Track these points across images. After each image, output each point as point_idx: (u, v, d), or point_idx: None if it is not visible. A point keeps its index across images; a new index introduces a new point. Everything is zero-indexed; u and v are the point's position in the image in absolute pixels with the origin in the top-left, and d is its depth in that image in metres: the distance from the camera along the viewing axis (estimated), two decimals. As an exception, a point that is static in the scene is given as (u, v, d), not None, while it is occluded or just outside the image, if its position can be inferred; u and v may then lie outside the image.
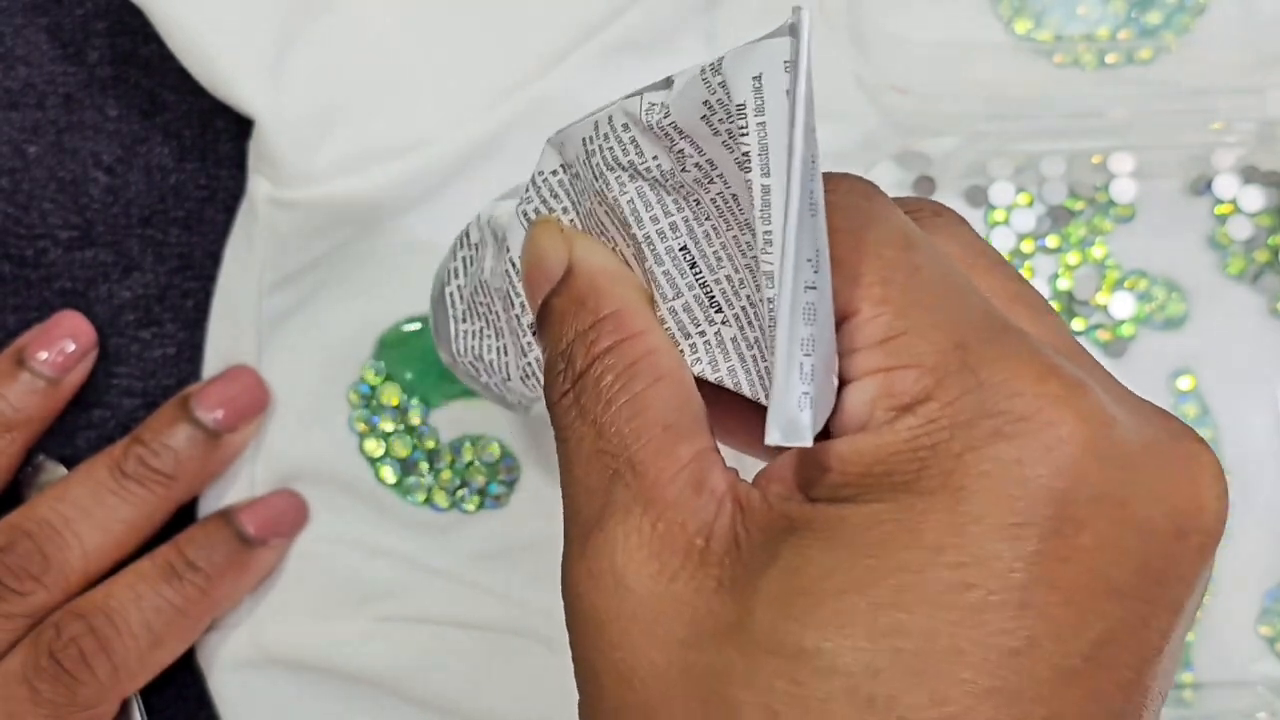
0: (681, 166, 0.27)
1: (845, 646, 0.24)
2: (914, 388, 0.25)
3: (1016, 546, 0.24)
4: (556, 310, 0.29)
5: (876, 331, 0.26)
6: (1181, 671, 0.46)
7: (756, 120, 0.25)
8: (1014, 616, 0.24)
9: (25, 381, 0.44)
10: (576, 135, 0.30)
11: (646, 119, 0.28)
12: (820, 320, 0.25)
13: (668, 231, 0.28)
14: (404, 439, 0.46)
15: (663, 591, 0.25)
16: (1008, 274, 0.29)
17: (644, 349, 0.27)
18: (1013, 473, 0.24)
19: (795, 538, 0.25)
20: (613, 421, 0.27)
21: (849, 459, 0.25)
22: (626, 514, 0.26)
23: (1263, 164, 0.48)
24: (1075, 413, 0.25)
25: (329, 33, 0.47)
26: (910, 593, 0.24)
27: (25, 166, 0.48)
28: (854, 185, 0.28)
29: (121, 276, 0.47)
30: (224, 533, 0.44)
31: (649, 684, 0.25)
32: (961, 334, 0.25)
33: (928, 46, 0.47)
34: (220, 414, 0.44)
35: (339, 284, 0.47)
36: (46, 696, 0.41)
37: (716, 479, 0.26)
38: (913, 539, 0.24)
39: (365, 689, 0.45)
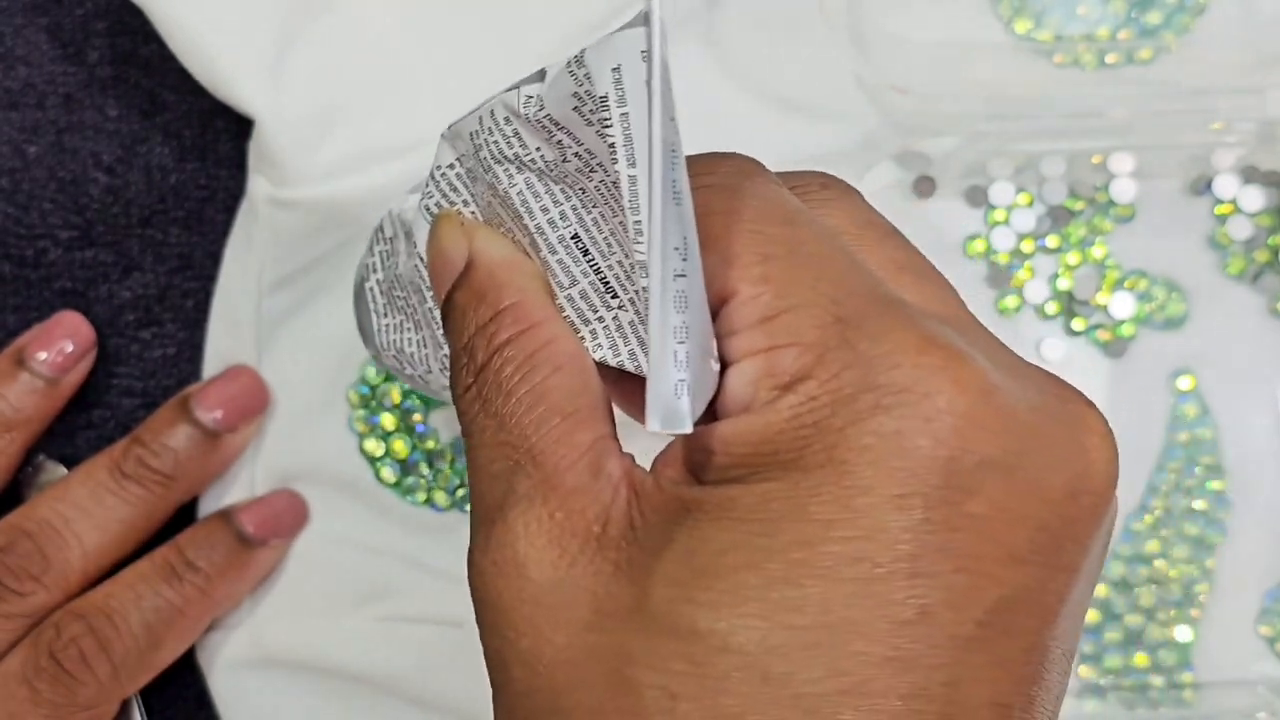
0: (563, 157, 0.28)
1: (740, 625, 0.24)
2: (794, 365, 0.25)
3: (903, 517, 0.24)
4: (458, 304, 0.29)
5: (756, 311, 0.26)
6: (1181, 671, 0.46)
7: (620, 111, 0.25)
8: (905, 586, 0.24)
9: (25, 381, 0.44)
10: (465, 129, 0.30)
11: (524, 111, 0.28)
12: (693, 306, 0.25)
13: (558, 220, 0.28)
14: (404, 439, 0.46)
15: (563, 577, 0.26)
16: (896, 244, 0.29)
17: (543, 339, 0.28)
18: (894, 444, 0.24)
19: (689, 520, 0.25)
20: (513, 412, 0.27)
21: (733, 440, 0.25)
22: (528, 503, 0.26)
23: (1263, 164, 0.48)
24: (954, 382, 0.25)
25: (329, 33, 0.47)
26: (802, 568, 0.24)
27: (25, 166, 0.48)
28: (733, 165, 0.28)
29: (121, 276, 0.47)
30: (224, 533, 0.44)
31: (554, 668, 0.25)
32: (842, 309, 0.26)
33: (928, 46, 0.47)
34: (220, 414, 0.44)
35: (339, 284, 0.47)
36: (46, 697, 0.41)
37: (613, 465, 0.27)
38: (802, 515, 0.24)
39: (365, 689, 0.45)
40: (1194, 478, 0.47)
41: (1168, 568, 0.46)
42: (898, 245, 0.29)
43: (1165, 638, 0.46)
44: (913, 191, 0.48)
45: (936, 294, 0.28)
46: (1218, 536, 0.47)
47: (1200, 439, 0.47)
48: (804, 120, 0.48)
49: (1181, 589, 0.46)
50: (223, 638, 0.45)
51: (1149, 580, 0.46)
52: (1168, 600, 0.46)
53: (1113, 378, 0.48)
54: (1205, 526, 0.47)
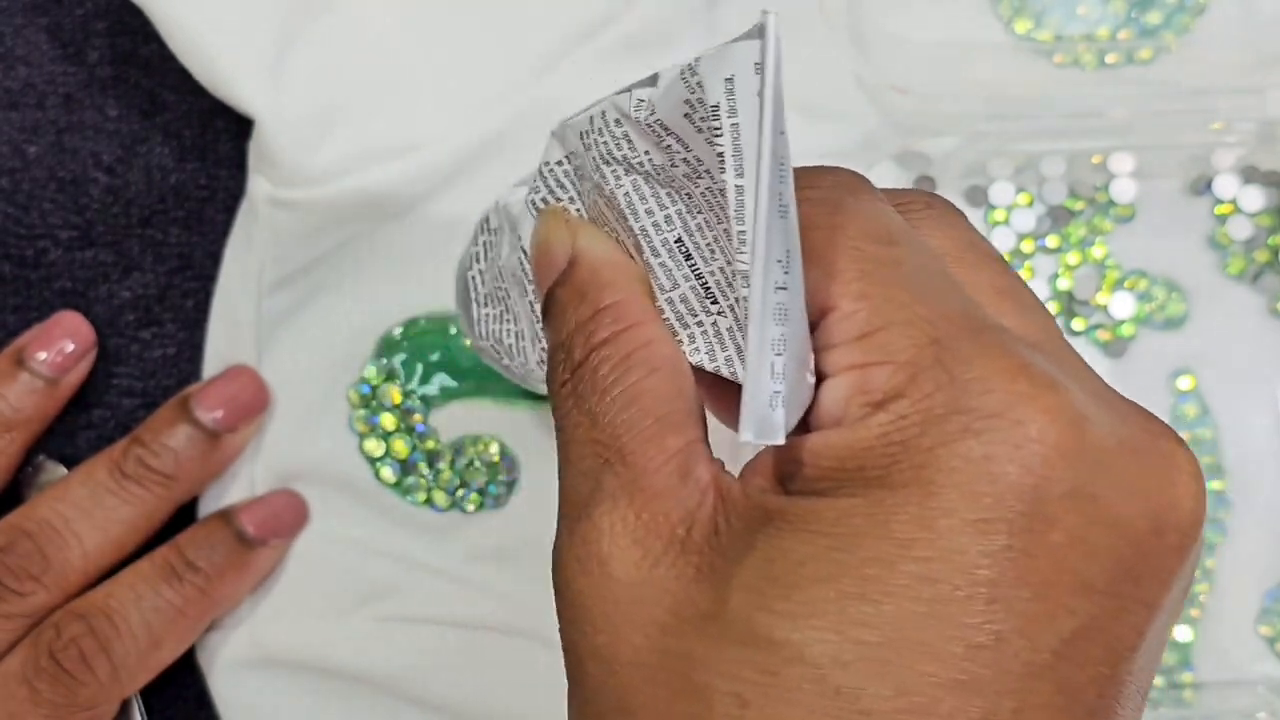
0: (671, 162, 0.28)
1: (813, 638, 0.24)
2: (887, 384, 0.25)
3: (984, 542, 0.24)
4: (560, 300, 0.29)
5: (853, 327, 0.26)
6: (1181, 671, 0.46)
7: (730, 122, 0.26)
8: (980, 611, 0.24)
9: (24, 382, 0.44)
10: (575, 128, 0.30)
11: (636, 115, 0.28)
12: (792, 319, 0.25)
13: (663, 224, 0.29)
14: (404, 439, 0.46)
15: (644, 578, 0.26)
16: (997, 269, 0.29)
17: (641, 340, 0.28)
18: (981, 469, 0.24)
19: (770, 529, 0.25)
20: (606, 411, 0.27)
21: (822, 453, 0.26)
22: (614, 502, 0.27)
23: (1263, 164, 0.48)
24: (1045, 411, 0.25)
25: (329, 33, 0.47)
26: (878, 585, 0.24)
27: (25, 166, 0.48)
28: (839, 179, 0.28)
29: (121, 276, 0.47)
30: (224, 533, 0.44)
31: (628, 667, 0.26)
32: (938, 330, 0.26)
33: (928, 46, 0.47)
34: (220, 414, 0.44)
35: (339, 284, 0.47)
36: (46, 697, 0.41)
37: (701, 470, 0.27)
38: (882, 532, 0.24)
39: (365, 689, 0.45)
40: (1194, 478, 0.47)
41: (1168, 568, 0.46)
42: (998, 270, 0.29)
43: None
44: (913, 192, 0.48)
45: (1034, 321, 0.28)
46: (1218, 536, 0.47)
47: (1200, 439, 0.47)
48: (804, 120, 0.48)
49: (1181, 589, 0.46)
50: (223, 638, 0.45)
51: (1149, 580, 0.46)
52: (1168, 600, 0.46)
53: (1113, 378, 0.47)
54: (1205, 526, 0.46)
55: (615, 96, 0.29)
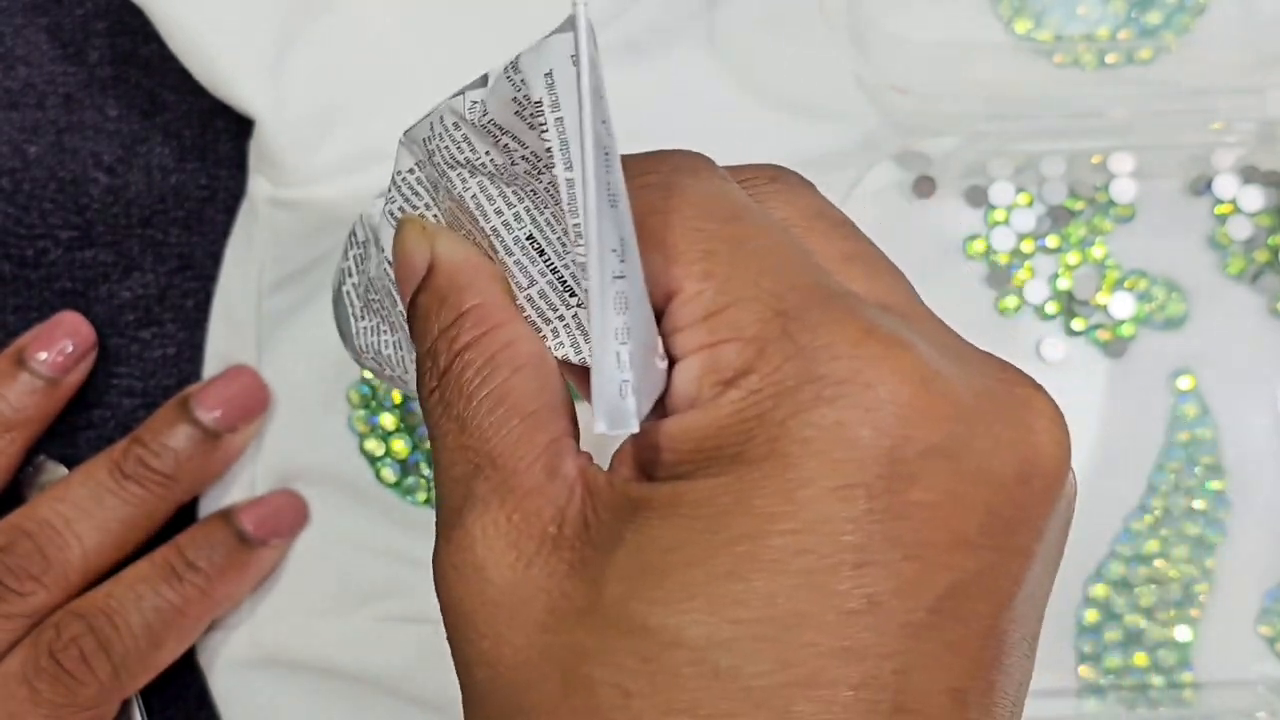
0: (511, 160, 0.28)
1: (688, 620, 0.24)
2: (736, 360, 0.25)
3: (846, 508, 0.24)
4: (422, 307, 0.29)
5: (699, 308, 0.26)
6: (1181, 671, 0.46)
7: (554, 116, 0.26)
8: (851, 576, 0.24)
9: (25, 382, 0.44)
10: (419, 134, 0.30)
11: (470, 116, 0.28)
12: (634, 307, 0.25)
13: (512, 222, 0.29)
14: (404, 439, 0.46)
15: (520, 578, 0.26)
16: (846, 234, 0.29)
17: (504, 340, 0.28)
18: (835, 435, 0.24)
19: (638, 518, 0.25)
20: (474, 415, 0.27)
21: (678, 436, 0.26)
22: (485, 506, 0.26)
23: (1263, 164, 0.48)
24: (895, 371, 0.25)
25: (329, 33, 0.47)
26: (747, 562, 0.24)
27: (25, 166, 0.48)
28: (675, 163, 0.28)
29: (121, 276, 0.47)
30: (224, 533, 0.44)
31: (513, 669, 0.26)
32: (783, 302, 0.26)
33: (928, 46, 0.47)
34: (220, 414, 0.44)
35: (339, 284, 0.47)
36: (46, 697, 0.41)
37: (569, 465, 0.27)
38: (746, 508, 0.24)
39: (365, 689, 0.45)
40: (1194, 478, 0.47)
41: (1168, 568, 0.46)
42: (847, 235, 0.28)
43: (1165, 638, 0.46)
44: (913, 191, 0.48)
45: (886, 283, 0.28)
46: (1218, 536, 0.47)
47: (1200, 439, 0.47)
48: (804, 120, 0.48)
49: (1181, 589, 0.46)
50: (223, 637, 0.45)
51: (1149, 580, 0.46)
52: (1167, 600, 0.46)
53: (1113, 378, 0.48)
54: (1205, 526, 0.47)
55: (450, 100, 0.29)
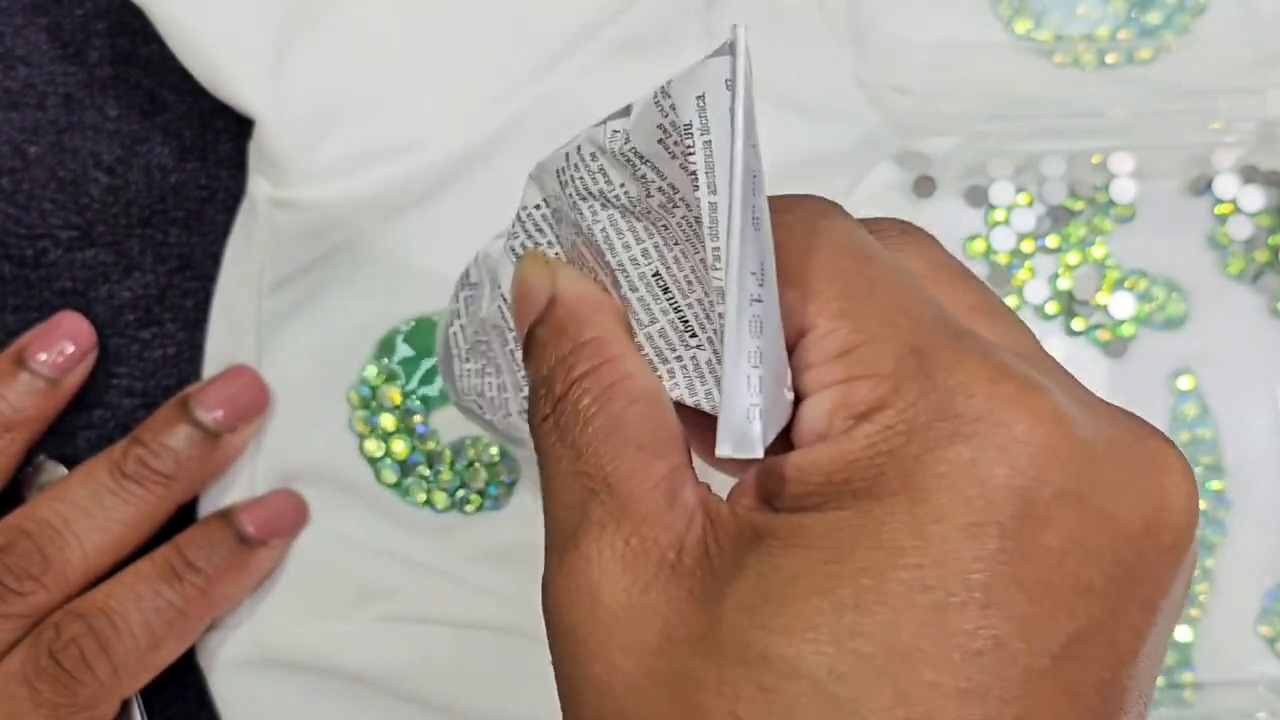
0: (647, 192, 0.28)
1: (808, 651, 0.24)
2: (870, 396, 0.25)
3: (976, 546, 0.24)
4: (540, 339, 0.29)
5: (833, 345, 0.26)
6: (1181, 671, 0.46)
7: (703, 139, 0.26)
8: (976, 616, 0.24)
9: (25, 382, 0.44)
10: (551, 167, 0.30)
11: (611, 146, 0.28)
12: (768, 333, 0.25)
13: (640, 258, 0.29)
14: (404, 440, 0.46)
15: (636, 603, 0.26)
16: (972, 286, 0.29)
17: (620, 373, 0.28)
18: (969, 473, 0.24)
19: (761, 547, 0.25)
20: (590, 442, 0.27)
21: (807, 468, 0.26)
22: (601, 530, 0.26)
23: (1263, 164, 0.48)
24: (1030, 412, 0.25)
25: (329, 33, 0.47)
26: (871, 595, 0.24)
27: (25, 166, 0.48)
28: (813, 205, 0.28)
29: (121, 276, 0.47)
30: (224, 533, 0.44)
31: (624, 693, 0.25)
32: (917, 340, 0.26)
33: (928, 46, 0.47)
34: (220, 414, 0.44)
35: (339, 284, 0.47)
36: (46, 697, 0.41)
37: (688, 494, 0.27)
38: (873, 542, 0.24)
39: (365, 689, 0.45)
40: (1194, 478, 0.47)
41: (1168, 568, 0.46)
42: (971, 287, 0.29)
43: (1165, 638, 0.46)
44: (913, 191, 0.48)
45: (1012, 332, 0.28)
46: (1218, 536, 0.47)
47: (1200, 439, 0.47)
48: (804, 120, 0.48)
49: (1181, 589, 0.46)
50: (223, 638, 0.45)
51: (1149, 580, 0.46)
52: (1168, 600, 0.46)
53: (1113, 378, 0.48)
54: (1205, 526, 0.47)
55: (590, 130, 0.29)
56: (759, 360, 0.25)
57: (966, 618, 0.24)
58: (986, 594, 0.24)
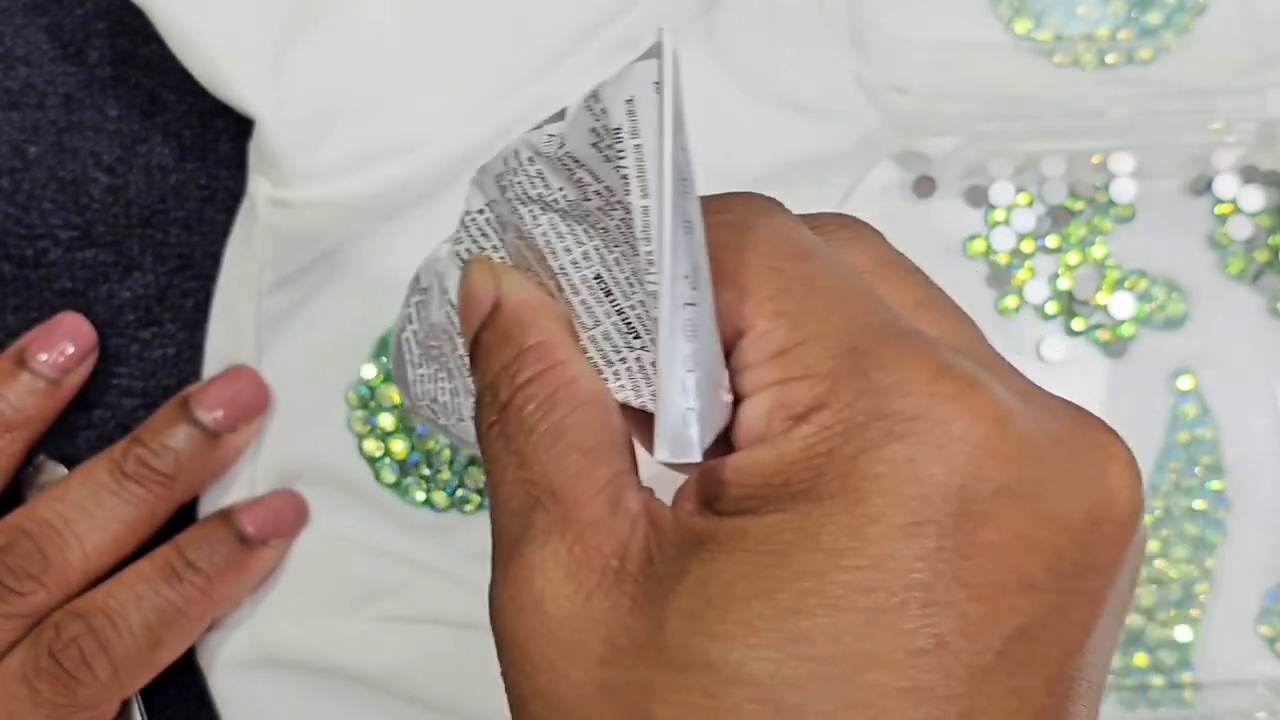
0: (584, 195, 0.28)
1: (752, 656, 0.24)
2: (807, 396, 0.25)
3: (915, 545, 0.24)
4: (485, 344, 0.29)
5: (770, 346, 0.26)
6: (1181, 671, 0.46)
7: (633, 143, 0.26)
8: (918, 616, 0.24)
9: (25, 382, 0.44)
10: (491, 172, 0.30)
11: (547, 150, 0.28)
12: (702, 335, 0.25)
13: (581, 261, 0.29)
14: (403, 439, 0.46)
15: (579, 612, 0.26)
16: (916, 280, 0.29)
17: (565, 377, 0.28)
18: (906, 472, 0.24)
19: (702, 551, 0.25)
20: (534, 449, 0.27)
21: (746, 471, 0.25)
22: (545, 538, 0.26)
23: (1263, 164, 0.48)
24: (968, 409, 0.25)
25: (329, 33, 0.47)
26: (813, 598, 0.24)
27: (25, 166, 0.48)
28: (749, 203, 0.28)
29: (121, 276, 0.47)
30: (224, 533, 0.44)
31: (570, 703, 0.25)
32: (856, 339, 0.26)
33: (928, 46, 0.47)
34: (220, 414, 0.44)
35: (339, 284, 0.47)
36: (46, 697, 0.41)
37: (631, 499, 0.27)
38: (812, 544, 0.24)
39: (365, 689, 0.45)
40: (1194, 478, 0.47)
41: (1168, 568, 0.46)
42: (917, 283, 0.29)
43: (1165, 638, 0.46)
44: (913, 191, 0.48)
45: (955, 328, 0.28)
46: (1218, 536, 0.47)
47: (1200, 439, 0.47)
48: (804, 120, 0.48)
49: (1181, 589, 0.46)
50: (223, 638, 0.45)
51: (1149, 580, 0.46)
52: (1168, 600, 0.46)
53: (1113, 378, 0.48)
54: (1205, 526, 0.47)
55: (528, 134, 0.29)
56: (694, 364, 0.25)
57: (908, 618, 0.24)
58: (927, 593, 0.24)
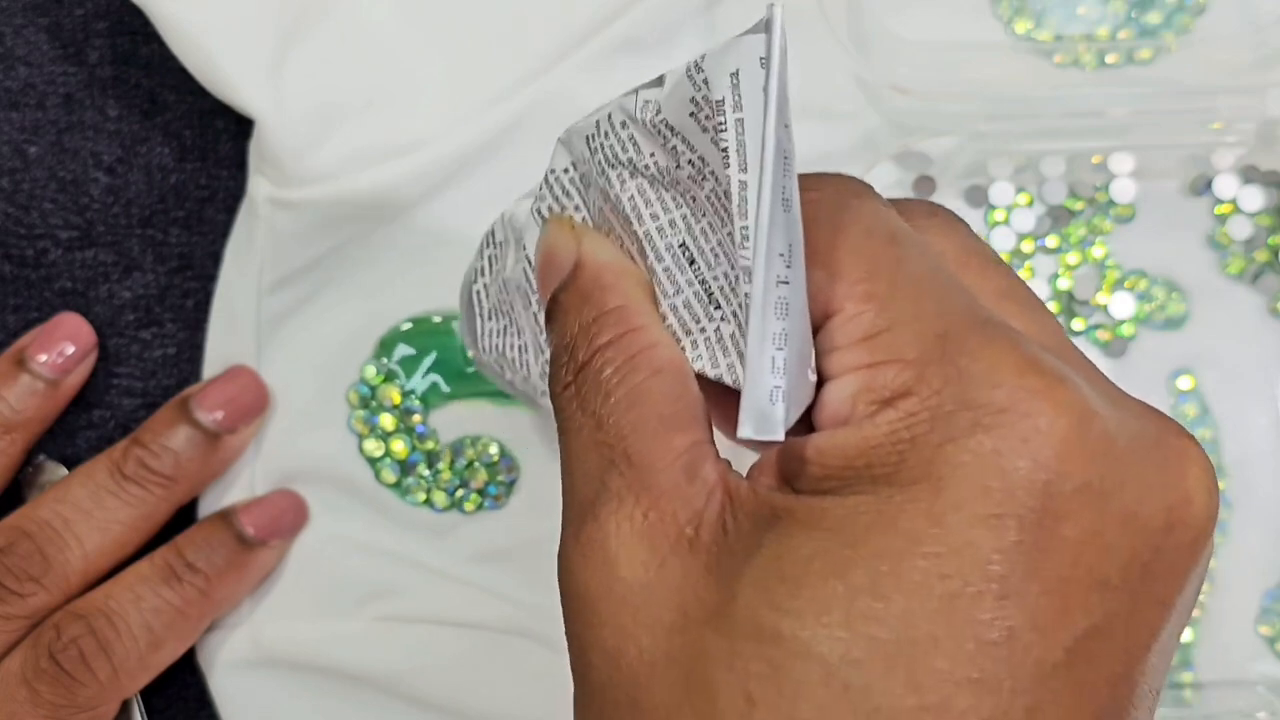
0: (676, 164, 0.28)
1: (822, 634, 0.24)
2: (894, 381, 0.25)
3: (995, 537, 0.24)
4: (563, 304, 0.29)
5: (859, 328, 0.26)
6: (1181, 671, 0.46)
7: (735, 116, 0.26)
8: (992, 607, 0.24)
9: (25, 383, 0.44)
10: (581, 133, 0.30)
11: (641, 116, 0.28)
12: (794, 315, 0.25)
13: (666, 228, 0.29)
14: (403, 439, 0.46)
15: (652, 578, 0.26)
16: (1000, 272, 0.29)
17: (644, 343, 0.28)
18: (991, 463, 0.24)
19: (779, 527, 0.25)
20: (611, 412, 0.27)
21: (829, 451, 0.26)
22: (620, 502, 0.26)
23: (1263, 164, 0.48)
24: (1055, 405, 0.25)
25: (329, 33, 0.47)
26: (887, 581, 0.24)
27: (25, 167, 0.48)
28: (842, 184, 0.28)
29: (121, 276, 0.47)
30: (223, 534, 0.44)
31: (636, 665, 0.26)
32: (944, 326, 0.26)
33: (928, 46, 0.47)
34: (219, 415, 0.44)
35: (339, 284, 0.47)
36: (46, 697, 0.41)
37: (708, 469, 0.27)
38: (891, 528, 0.24)
39: (365, 689, 0.45)
40: (1194, 478, 0.47)
41: (1168, 568, 0.46)
42: (1001, 273, 0.29)
43: (1165, 638, 0.46)
44: (913, 191, 0.48)
45: (1038, 321, 0.28)
46: (1218, 536, 0.47)
47: (1200, 439, 0.47)
48: (804, 120, 0.47)
49: (1181, 589, 0.46)
50: (223, 638, 0.45)
51: (1149, 580, 0.46)
52: (1168, 600, 0.46)
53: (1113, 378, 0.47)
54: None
55: (622, 99, 0.29)
56: (784, 342, 0.25)
57: (982, 608, 0.24)
58: (1003, 585, 0.24)
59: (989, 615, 0.24)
